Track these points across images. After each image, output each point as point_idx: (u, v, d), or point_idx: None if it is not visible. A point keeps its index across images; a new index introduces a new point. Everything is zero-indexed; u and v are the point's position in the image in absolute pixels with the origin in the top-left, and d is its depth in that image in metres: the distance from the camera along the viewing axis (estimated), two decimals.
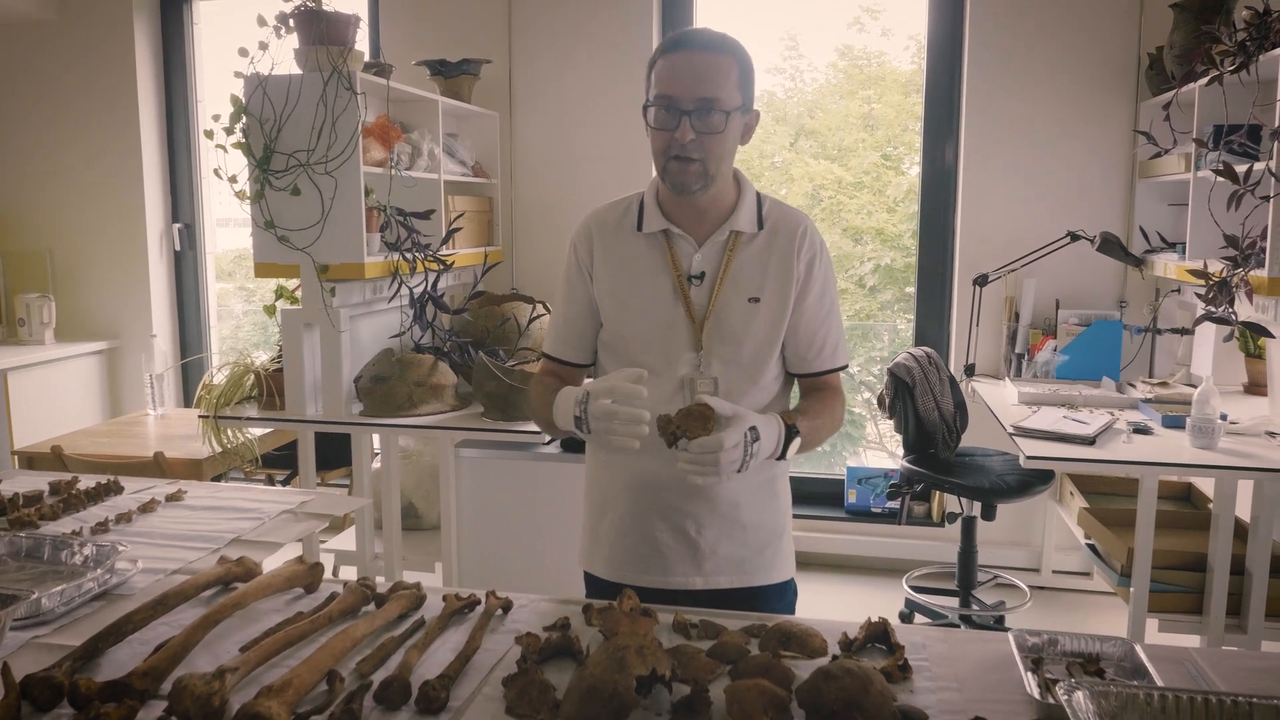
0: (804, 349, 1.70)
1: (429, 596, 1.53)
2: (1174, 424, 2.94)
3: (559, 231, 4.16)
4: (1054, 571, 3.95)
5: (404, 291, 3.22)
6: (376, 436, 3.34)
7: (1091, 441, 2.78)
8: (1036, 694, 1.23)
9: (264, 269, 3.09)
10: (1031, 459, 2.71)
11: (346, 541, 3.48)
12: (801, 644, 1.36)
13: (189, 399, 4.65)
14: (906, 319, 5.56)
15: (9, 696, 1.15)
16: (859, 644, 1.38)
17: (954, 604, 3.53)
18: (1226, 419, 2.87)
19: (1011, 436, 2.88)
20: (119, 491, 2.08)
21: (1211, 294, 2.69)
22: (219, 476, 3.48)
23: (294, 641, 1.33)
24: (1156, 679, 1.25)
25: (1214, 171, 2.59)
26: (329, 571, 3.02)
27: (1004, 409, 3.24)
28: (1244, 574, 2.75)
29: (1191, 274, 2.82)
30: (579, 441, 3.17)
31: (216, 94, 4.71)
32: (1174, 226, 3.61)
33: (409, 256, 3.17)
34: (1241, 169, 2.55)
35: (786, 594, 1.79)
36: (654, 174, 1.66)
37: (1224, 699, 1.13)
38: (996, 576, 3.83)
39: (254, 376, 3.24)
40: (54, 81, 4.55)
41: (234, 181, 2.99)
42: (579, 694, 1.15)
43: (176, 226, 4.70)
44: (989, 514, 3.29)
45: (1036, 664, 1.33)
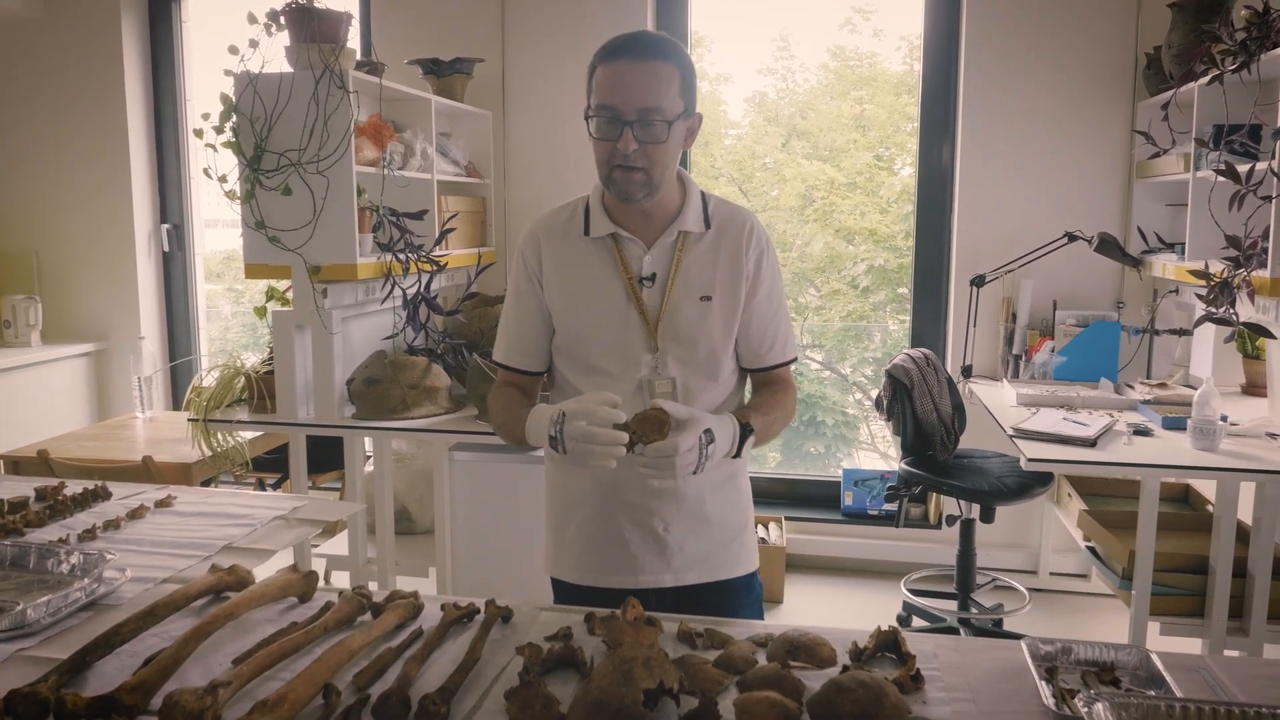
0: (756, 344, 1.72)
1: (427, 605, 1.50)
2: (1174, 425, 2.93)
3: None
4: (1051, 573, 3.94)
5: (397, 293, 3.18)
6: (369, 440, 3.30)
7: (1093, 443, 2.76)
8: (1053, 704, 1.20)
9: (254, 270, 3.04)
10: (1033, 461, 2.69)
11: (339, 546, 3.43)
12: (810, 653, 1.33)
13: (178, 402, 4.59)
14: (899, 320, 5.55)
15: None
16: (869, 653, 1.35)
17: (952, 607, 3.51)
18: (1227, 420, 2.86)
19: (1012, 438, 2.86)
20: (107, 497, 2.04)
21: (1212, 295, 2.68)
22: (209, 481, 3.44)
23: (288, 653, 1.29)
24: (1175, 688, 1.22)
25: (1215, 171, 2.57)
26: (321, 577, 2.98)
27: (1002, 410, 3.21)
28: (1246, 576, 2.73)
29: (1192, 275, 2.80)
30: None
31: (206, 92, 4.66)
32: (1172, 227, 3.60)
33: (402, 257, 3.13)
34: (1242, 169, 2.54)
35: (754, 586, 1.82)
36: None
37: (1246, 709, 1.10)
38: (995, 579, 3.82)
39: (244, 379, 3.20)
40: (40, 80, 4.49)
41: (224, 181, 2.94)
42: (584, 708, 1.12)
43: (165, 227, 4.65)
44: (988, 516, 3.26)
45: (1051, 673, 1.30)
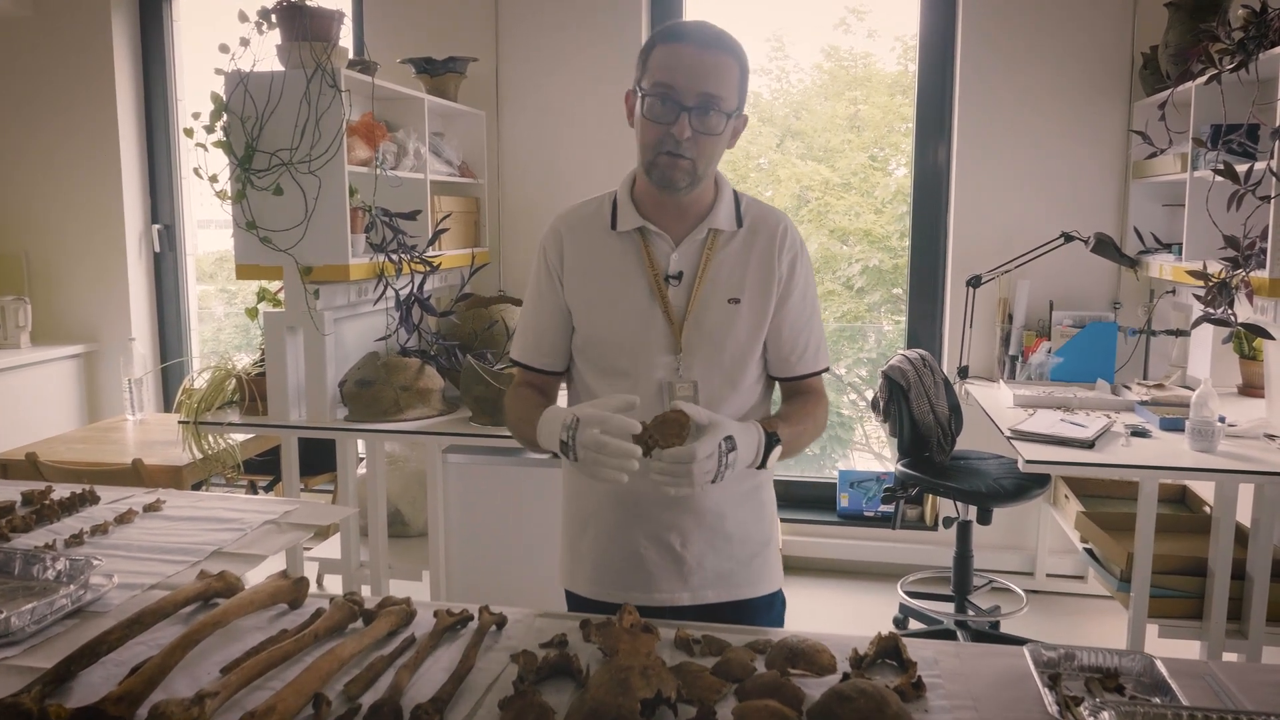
0: (786, 351, 1.65)
1: (419, 612, 1.47)
2: (1172, 426, 2.91)
3: None
4: (1048, 575, 3.92)
5: (389, 294, 3.15)
6: (362, 442, 3.27)
7: (1091, 445, 2.74)
8: (1056, 712, 1.18)
9: (246, 270, 3.02)
10: (1031, 463, 2.67)
11: (331, 550, 3.40)
12: (810, 661, 1.31)
13: (169, 404, 4.56)
14: (894, 320, 5.53)
15: None
16: (870, 660, 1.32)
17: (949, 609, 3.49)
18: (1225, 421, 2.84)
19: (1009, 440, 2.84)
20: (95, 501, 2.01)
21: (1211, 295, 2.66)
22: (199, 484, 3.40)
23: (277, 662, 1.27)
24: (1180, 696, 1.20)
25: (1214, 171, 2.56)
26: (313, 581, 2.95)
27: (999, 412, 3.20)
28: (1245, 579, 2.72)
29: (1190, 275, 2.79)
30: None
31: (197, 92, 4.63)
32: (1168, 227, 3.58)
33: (394, 258, 3.10)
34: (1241, 169, 2.52)
35: (775, 605, 1.74)
36: (629, 170, 1.62)
37: (1253, 717, 1.08)
38: (991, 581, 3.80)
39: (236, 381, 3.17)
40: (30, 79, 4.45)
41: (214, 181, 2.91)
42: (580, 718, 1.09)
43: (156, 228, 4.61)
44: (985, 518, 3.25)
45: (1054, 680, 1.28)
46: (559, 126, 4.07)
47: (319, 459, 3.77)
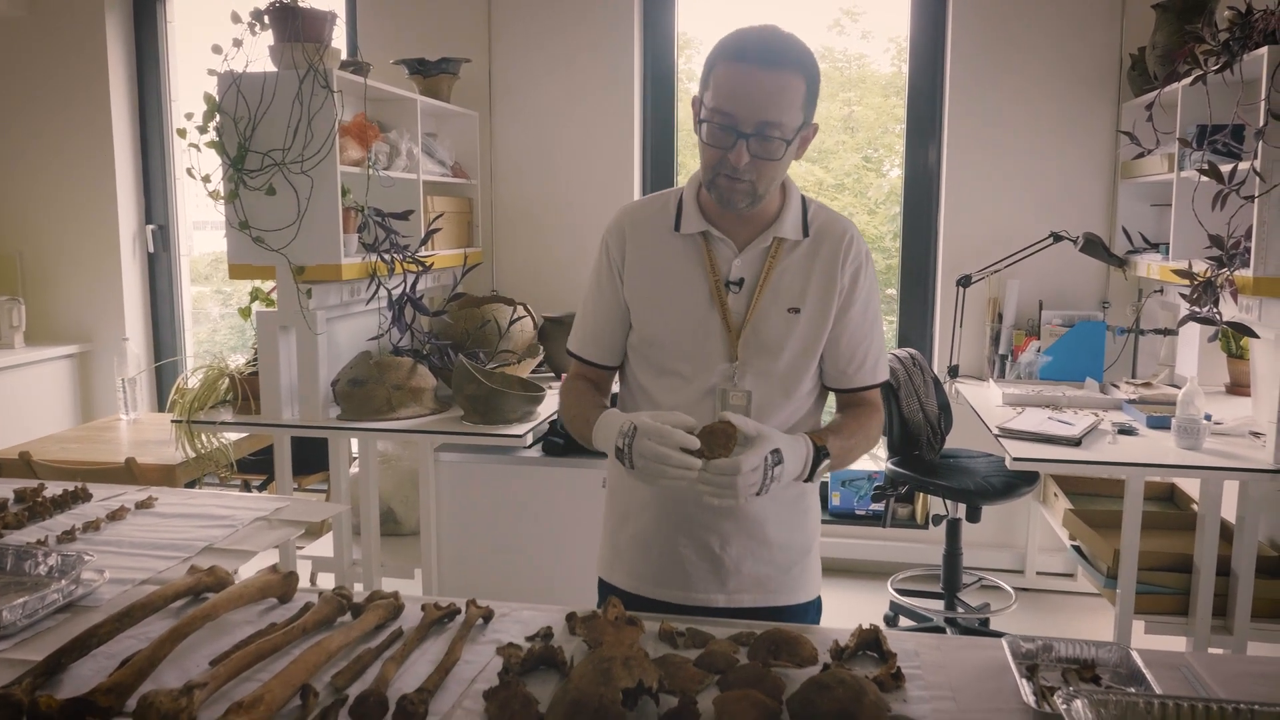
0: (844, 363, 1.62)
1: (407, 606, 1.49)
2: (1159, 425, 2.94)
3: (539, 232, 4.11)
4: (1038, 573, 3.95)
5: (382, 293, 3.16)
6: (354, 441, 3.28)
7: (1077, 443, 2.76)
8: (1033, 702, 1.20)
9: (239, 270, 3.03)
10: (1018, 460, 2.69)
11: (324, 548, 3.42)
12: (792, 652, 1.33)
13: (162, 404, 4.57)
14: (888, 320, 5.56)
15: None
16: (850, 652, 1.34)
17: (939, 606, 3.52)
18: (1211, 419, 2.87)
19: (997, 438, 2.86)
20: (87, 499, 2.02)
21: (1196, 294, 2.68)
22: (193, 482, 3.41)
23: (266, 655, 1.28)
24: (1154, 685, 1.22)
25: (1199, 171, 2.58)
26: (306, 579, 2.96)
27: (988, 410, 3.22)
28: (1230, 575, 2.74)
29: (1176, 274, 2.81)
30: (560, 445, 3.15)
31: (190, 92, 4.64)
32: (1156, 227, 3.61)
33: (387, 258, 3.12)
34: (1226, 168, 2.54)
35: (811, 612, 1.71)
36: (694, 172, 1.59)
37: (1225, 706, 1.10)
38: (981, 579, 3.82)
39: (229, 380, 3.18)
40: (23, 80, 4.46)
41: (208, 181, 2.93)
42: (563, 708, 1.11)
43: (150, 228, 4.62)
44: (974, 516, 3.27)
45: (1031, 671, 1.30)
46: (551, 127, 4.09)
47: (312, 458, 3.79)
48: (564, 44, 4.05)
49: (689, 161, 5.24)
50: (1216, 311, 2.66)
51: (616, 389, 1.75)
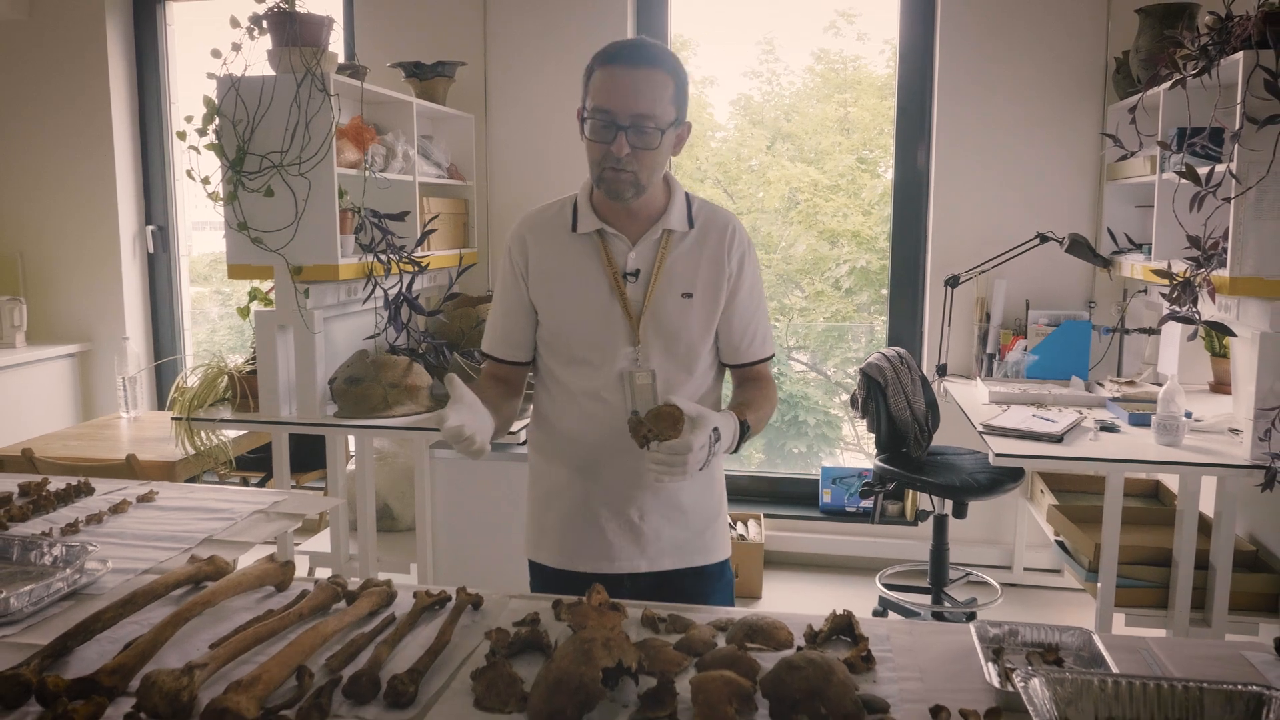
0: (737, 340, 1.79)
1: (400, 594, 1.54)
2: (1140, 422, 2.99)
3: None
4: (1026, 569, 4.00)
5: (378, 293, 3.22)
6: (351, 438, 3.34)
7: (1059, 439, 2.82)
8: (996, 683, 1.25)
9: (237, 270, 3.08)
10: (1000, 456, 2.75)
11: (321, 543, 3.48)
12: (768, 637, 1.39)
13: (162, 402, 4.62)
14: (883, 320, 5.61)
15: None
16: (824, 636, 1.40)
17: (926, 601, 3.57)
18: (1191, 417, 2.92)
19: (981, 435, 2.91)
20: (89, 493, 2.07)
21: (1175, 294, 2.74)
22: (193, 479, 3.47)
23: (263, 638, 1.34)
24: (1113, 667, 1.28)
25: (1177, 174, 2.64)
26: (304, 573, 3.01)
27: (975, 408, 3.27)
28: (1208, 568, 2.80)
29: (1156, 274, 2.87)
30: None
31: (190, 95, 4.69)
32: (1141, 228, 3.66)
33: (383, 258, 3.17)
34: (1203, 171, 2.60)
35: (725, 574, 1.88)
36: (588, 176, 1.72)
37: (1175, 684, 1.16)
38: (968, 574, 3.88)
39: (228, 378, 3.23)
40: (24, 82, 4.52)
41: (207, 183, 2.98)
42: (546, 686, 1.17)
43: (150, 229, 4.67)
44: (960, 511, 3.32)
45: (997, 654, 1.36)
46: (545, 129, 4.14)
47: (310, 457, 3.84)
48: (558, 47, 4.11)
49: (685, 163, 5.29)
50: (1195, 311, 2.71)
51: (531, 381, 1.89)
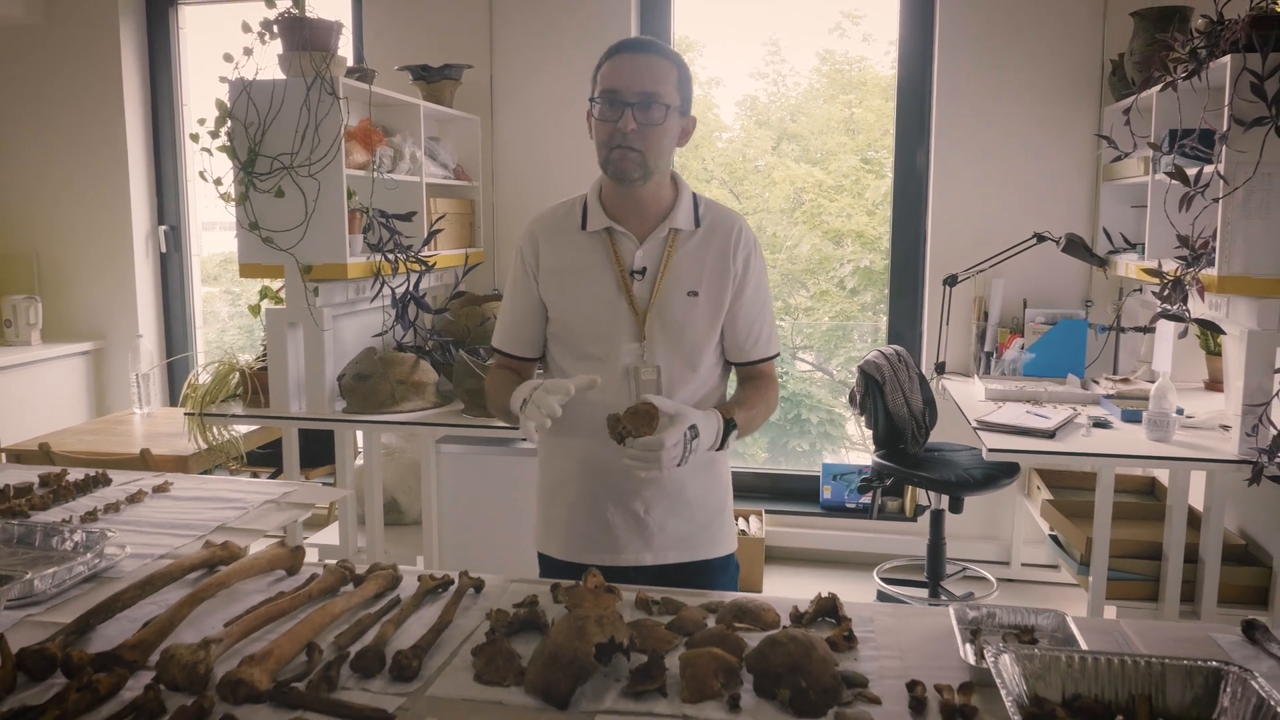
0: (742, 339, 1.83)
1: (405, 577, 1.61)
2: (1132, 418, 3.04)
3: None
4: (1023, 564, 4.05)
5: (386, 291, 3.29)
6: (359, 433, 3.41)
7: (1051, 435, 2.87)
8: (972, 660, 1.32)
9: (248, 269, 3.16)
10: (993, 451, 2.80)
11: (330, 536, 3.55)
12: (755, 618, 1.45)
13: (175, 398, 4.71)
14: (880, 318, 5.65)
15: (5, 666, 1.22)
16: (809, 617, 1.46)
17: (924, 595, 3.62)
18: (1183, 413, 2.97)
19: (975, 430, 2.97)
20: (107, 483, 2.15)
21: (1166, 292, 2.79)
22: (205, 473, 3.54)
23: (275, 617, 1.41)
24: (1082, 644, 1.34)
25: (1166, 174, 2.69)
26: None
27: (971, 405, 3.32)
28: (1198, 562, 2.85)
29: (1148, 273, 2.92)
30: None
31: (202, 98, 4.77)
32: (1136, 228, 3.71)
33: (391, 257, 3.24)
34: (1193, 171, 2.65)
35: (730, 567, 1.92)
36: (597, 176, 1.78)
37: (1139, 660, 1.22)
38: (965, 568, 3.93)
39: (239, 374, 3.31)
40: (40, 85, 4.60)
41: (219, 184, 3.05)
42: (542, 660, 1.23)
43: (162, 229, 4.76)
44: (956, 506, 3.38)
45: (975, 635, 1.42)
46: (550, 131, 4.21)
47: (319, 452, 3.90)
48: (562, 50, 4.17)
49: (691, 162, 5.36)
50: (1186, 309, 2.77)
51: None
